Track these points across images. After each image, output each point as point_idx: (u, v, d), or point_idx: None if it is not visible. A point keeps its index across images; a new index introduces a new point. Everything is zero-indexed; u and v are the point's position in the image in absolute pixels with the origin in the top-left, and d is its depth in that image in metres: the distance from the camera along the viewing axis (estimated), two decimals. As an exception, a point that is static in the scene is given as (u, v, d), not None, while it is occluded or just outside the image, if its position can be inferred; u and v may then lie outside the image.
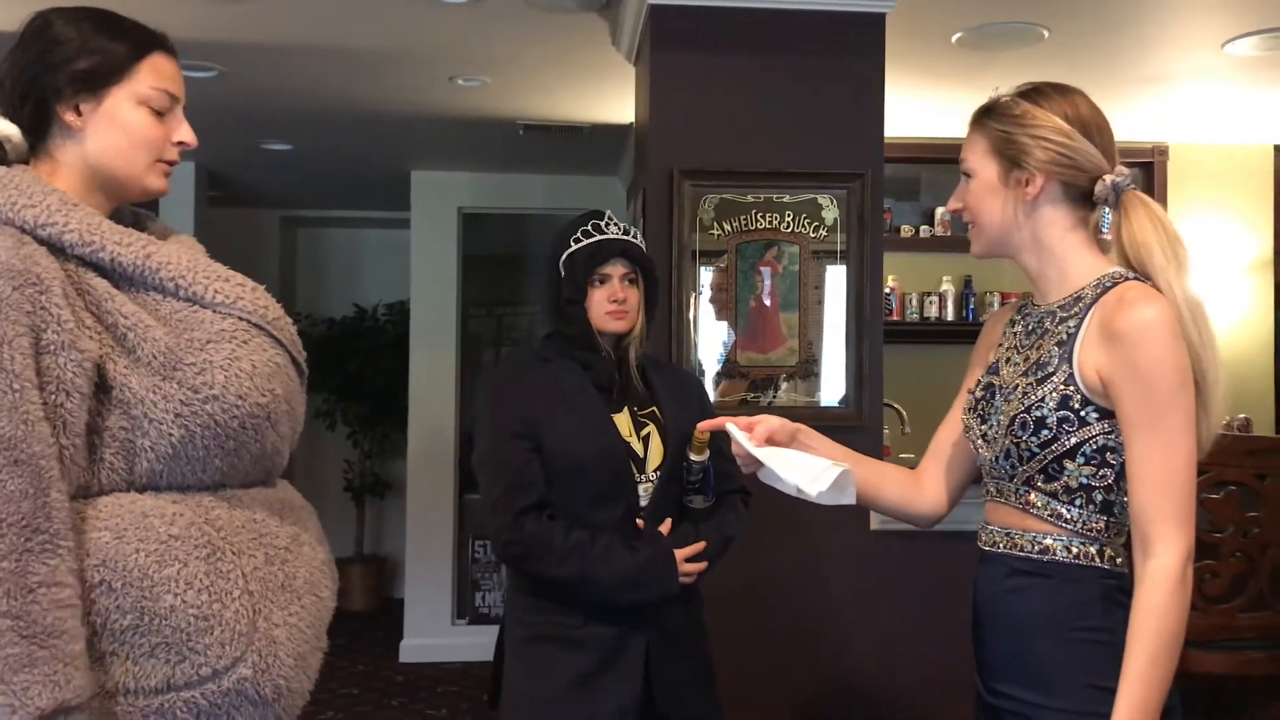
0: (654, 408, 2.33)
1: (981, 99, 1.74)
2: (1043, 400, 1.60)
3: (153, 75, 1.51)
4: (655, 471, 2.27)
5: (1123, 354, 1.54)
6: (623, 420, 2.29)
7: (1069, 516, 1.61)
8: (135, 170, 1.50)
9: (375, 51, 3.96)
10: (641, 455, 2.27)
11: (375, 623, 6.80)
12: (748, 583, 3.16)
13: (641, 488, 2.25)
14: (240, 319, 1.48)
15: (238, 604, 1.39)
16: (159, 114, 1.51)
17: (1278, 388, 5.35)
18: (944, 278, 5.33)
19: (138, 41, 1.50)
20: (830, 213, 3.26)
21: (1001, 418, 1.65)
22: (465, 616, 6.21)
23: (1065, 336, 1.62)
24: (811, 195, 3.25)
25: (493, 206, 6.13)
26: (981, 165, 1.69)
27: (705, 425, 1.79)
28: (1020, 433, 1.61)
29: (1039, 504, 1.63)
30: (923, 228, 5.36)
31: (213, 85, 4.27)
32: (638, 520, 2.23)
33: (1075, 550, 1.61)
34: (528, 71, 4.18)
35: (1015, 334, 1.75)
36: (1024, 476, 1.64)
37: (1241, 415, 5.02)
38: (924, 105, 4.63)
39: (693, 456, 2.22)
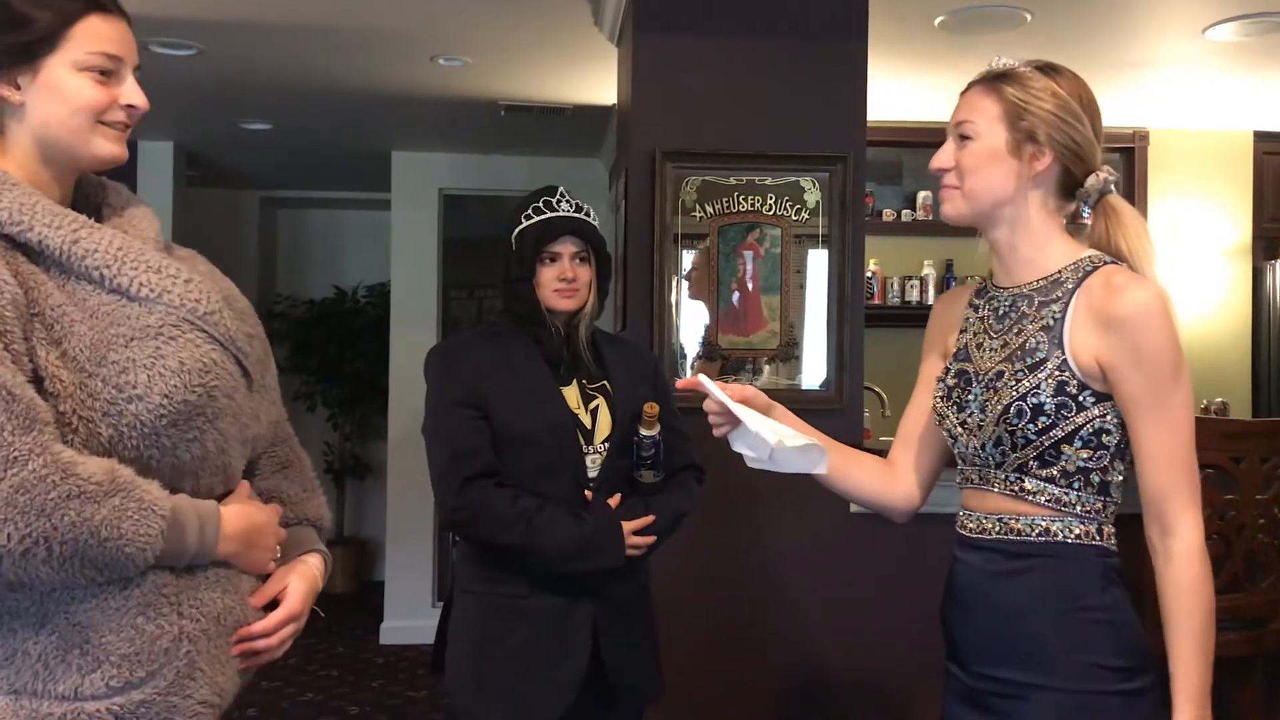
0: (604, 381, 2.34)
1: (963, 83, 1.71)
2: (1038, 387, 1.59)
3: (89, 39, 1.41)
4: (604, 443, 2.29)
5: (1124, 340, 1.55)
6: (571, 393, 2.30)
7: (1068, 500, 1.61)
8: (79, 137, 1.42)
9: (356, 30, 3.93)
10: (589, 427, 2.29)
11: (355, 605, 6.80)
12: (724, 563, 3.17)
13: (589, 459, 2.27)
14: (168, 312, 1.39)
15: (163, 620, 1.34)
16: (103, 77, 1.43)
17: (1254, 372, 5.39)
18: (925, 262, 5.34)
19: (68, 6, 1.41)
20: (812, 195, 3.26)
21: (990, 406, 1.63)
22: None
23: (1051, 321, 1.61)
24: (794, 178, 3.25)
25: (474, 188, 6.10)
26: (989, 129, 1.64)
27: (683, 383, 1.74)
28: (1016, 420, 1.60)
29: (1034, 489, 1.62)
30: (904, 211, 5.37)
31: (192, 64, 4.23)
32: (586, 492, 2.24)
33: (1076, 531, 1.61)
34: (509, 52, 4.16)
35: (982, 318, 1.73)
36: (1017, 463, 1.63)
37: (1219, 399, 5.06)
38: (906, 89, 4.63)
39: (643, 431, 2.24)
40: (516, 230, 2.30)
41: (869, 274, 5.09)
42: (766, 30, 3.27)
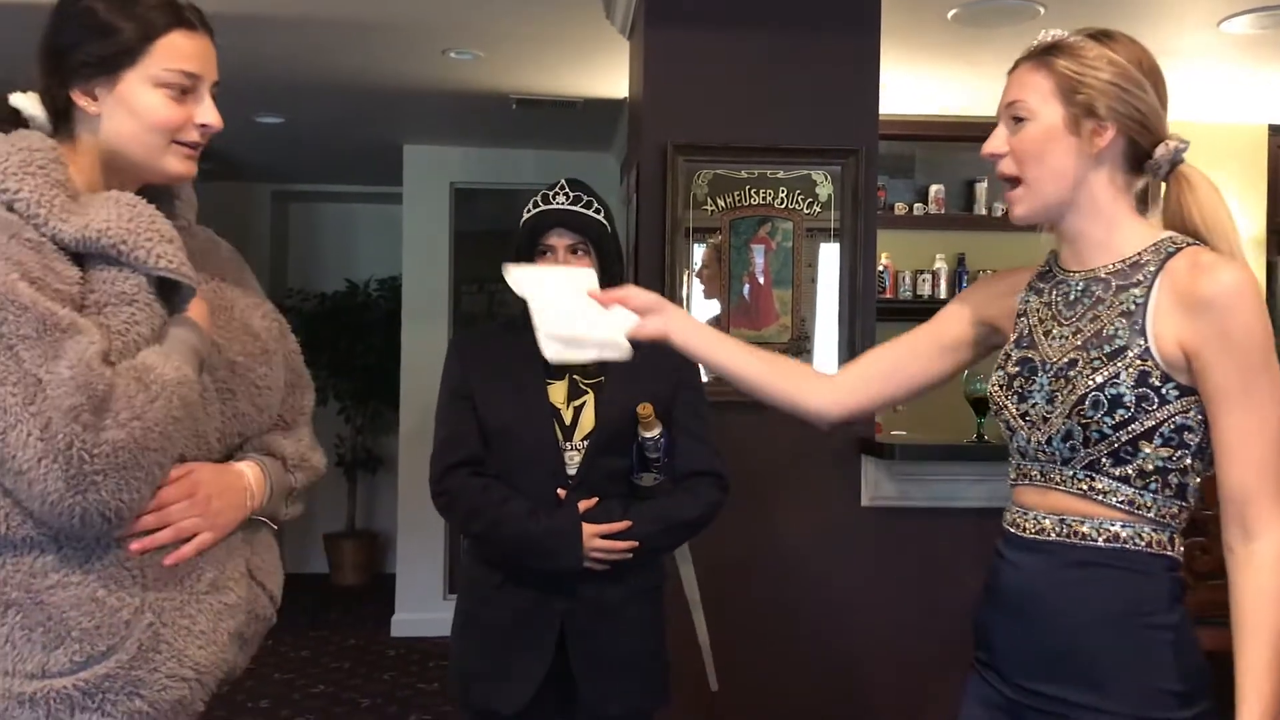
0: (602, 377, 2.32)
1: (976, 77, 1.68)
2: (1118, 377, 1.46)
3: (168, 56, 1.44)
4: (584, 440, 2.27)
5: (1212, 322, 1.43)
6: (559, 388, 2.30)
7: (1143, 502, 1.48)
8: (151, 154, 1.45)
9: (367, 23, 3.93)
10: (569, 423, 2.28)
11: (367, 597, 6.82)
12: (732, 559, 3.17)
13: (568, 455, 2.26)
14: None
15: (124, 592, 1.34)
16: (181, 94, 1.45)
17: (1268, 367, 5.37)
18: (937, 256, 5.32)
19: (152, 20, 1.43)
20: (824, 189, 3.25)
21: (1061, 397, 1.50)
22: (456, 591, 6.23)
23: (1132, 307, 1.49)
24: (806, 171, 3.25)
25: (485, 182, 6.11)
26: (1043, 107, 1.51)
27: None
28: (1091, 412, 1.47)
29: (1105, 489, 1.49)
30: (917, 205, 5.35)
31: (203, 57, 4.24)
32: (559, 490, 2.24)
33: (1147, 538, 1.48)
34: (521, 45, 4.15)
35: (1048, 303, 1.59)
36: (1087, 460, 1.49)
37: (1232, 394, 5.03)
38: (919, 82, 4.61)
39: (642, 433, 2.22)
40: (520, 224, 2.34)
41: (881, 268, 5.08)
42: (778, 23, 3.26)
